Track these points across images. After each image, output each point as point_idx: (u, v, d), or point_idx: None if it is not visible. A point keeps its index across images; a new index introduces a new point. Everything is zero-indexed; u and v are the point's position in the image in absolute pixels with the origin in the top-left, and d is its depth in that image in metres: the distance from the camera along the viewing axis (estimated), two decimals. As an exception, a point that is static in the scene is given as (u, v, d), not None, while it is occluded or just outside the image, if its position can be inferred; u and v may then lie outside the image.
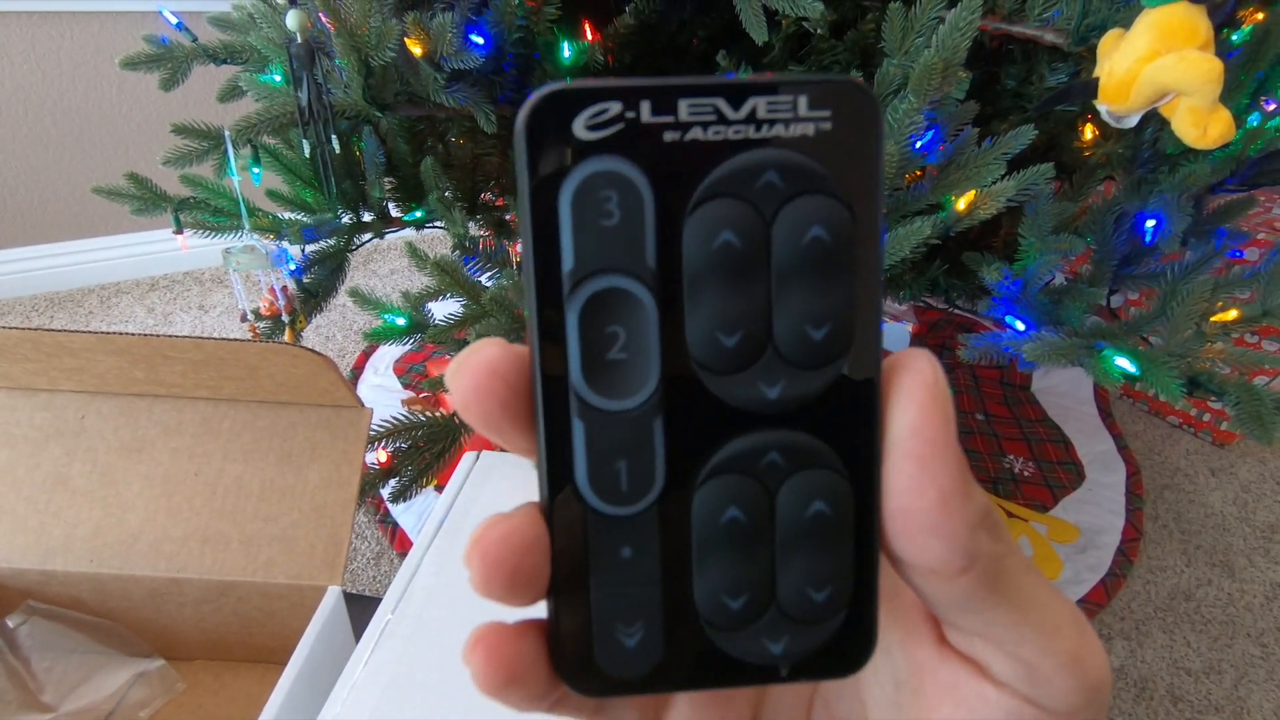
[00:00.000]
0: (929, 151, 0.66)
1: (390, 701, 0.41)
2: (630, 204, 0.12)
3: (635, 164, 0.12)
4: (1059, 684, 0.14)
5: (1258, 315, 0.66)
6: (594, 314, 0.13)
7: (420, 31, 0.68)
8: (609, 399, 0.13)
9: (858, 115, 0.13)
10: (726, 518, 0.13)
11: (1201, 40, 0.45)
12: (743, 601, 0.14)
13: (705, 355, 0.13)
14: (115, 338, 0.49)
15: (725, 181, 0.12)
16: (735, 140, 0.12)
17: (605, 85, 0.12)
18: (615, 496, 0.13)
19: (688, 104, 0.12)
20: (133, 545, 0.52)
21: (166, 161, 0.77)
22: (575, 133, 0.12)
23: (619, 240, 0.12)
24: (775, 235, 0.13)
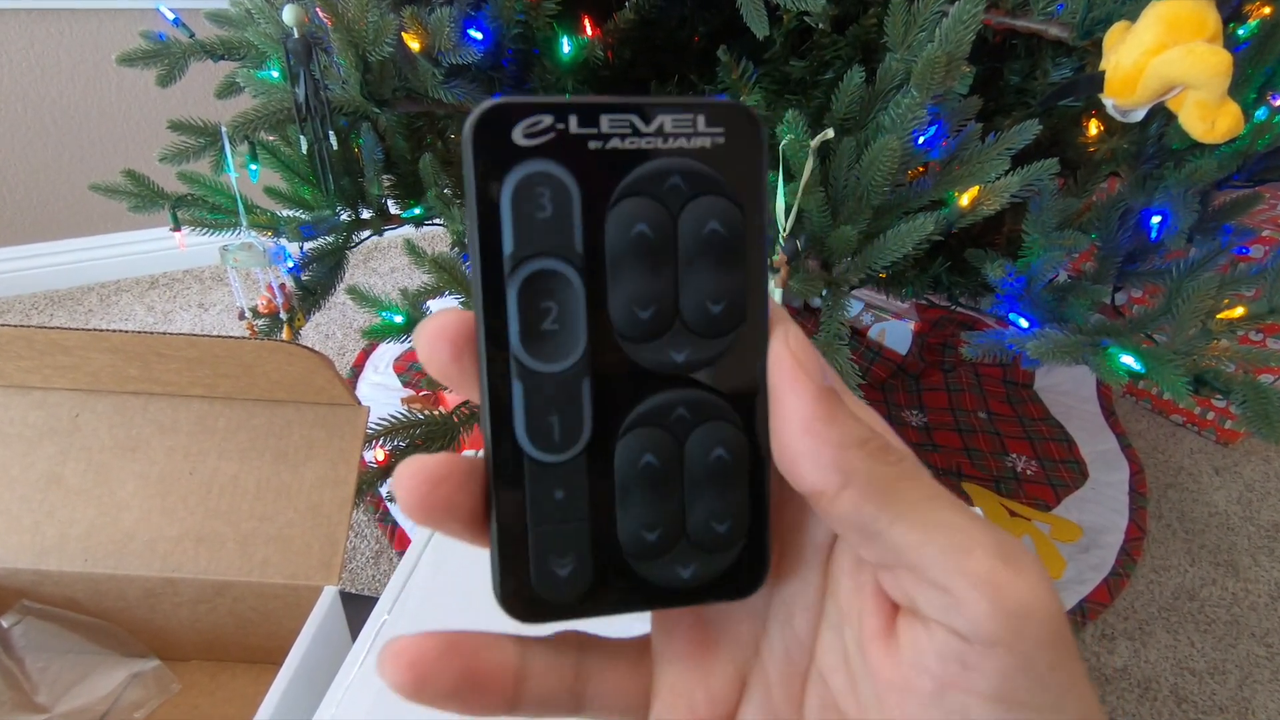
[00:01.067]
0: (932, 147, 0.65)
1: (386, 703, 0.41)
2: (561, 199, 0.15)
3: (565, 166, 0.15)
4: (973, 608, 0.14)
5: (1264, 313, 0.65)
6: (530, 291, 0.15)
7: (418, 26, 0.68)
8: (544, 363, 0.15)
9: (745, 132, 0.16)
10: (643, 463, 0.16)
11: (1210, 33, 0.45)
12: (658, 534, 0.16)
13: (624, 325, 0.15)
14: (109, 335, 0.48)
15: (639, 182, 0.15)
16: (647, 149, 0.15)
17: (539, 101, 0.15)
18: (549, 445, 0.16)
19: (608, 119, 0.15)
20: (127, 545, 0.52)
21: (163, 158, 0.76)
22: (514, 139, 0.15)
23: (551, 229, 0.15)
24: (680, 227, 0.15)
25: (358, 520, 1.09)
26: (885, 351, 1.38)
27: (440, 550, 0.49)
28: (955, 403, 1.35)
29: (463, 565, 0.48)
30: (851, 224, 0.62)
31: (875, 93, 0.66)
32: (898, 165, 0.59)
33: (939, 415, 1.32)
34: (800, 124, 0.60)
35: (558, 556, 0.16)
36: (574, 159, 0.15)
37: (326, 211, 0.87)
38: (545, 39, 0.81)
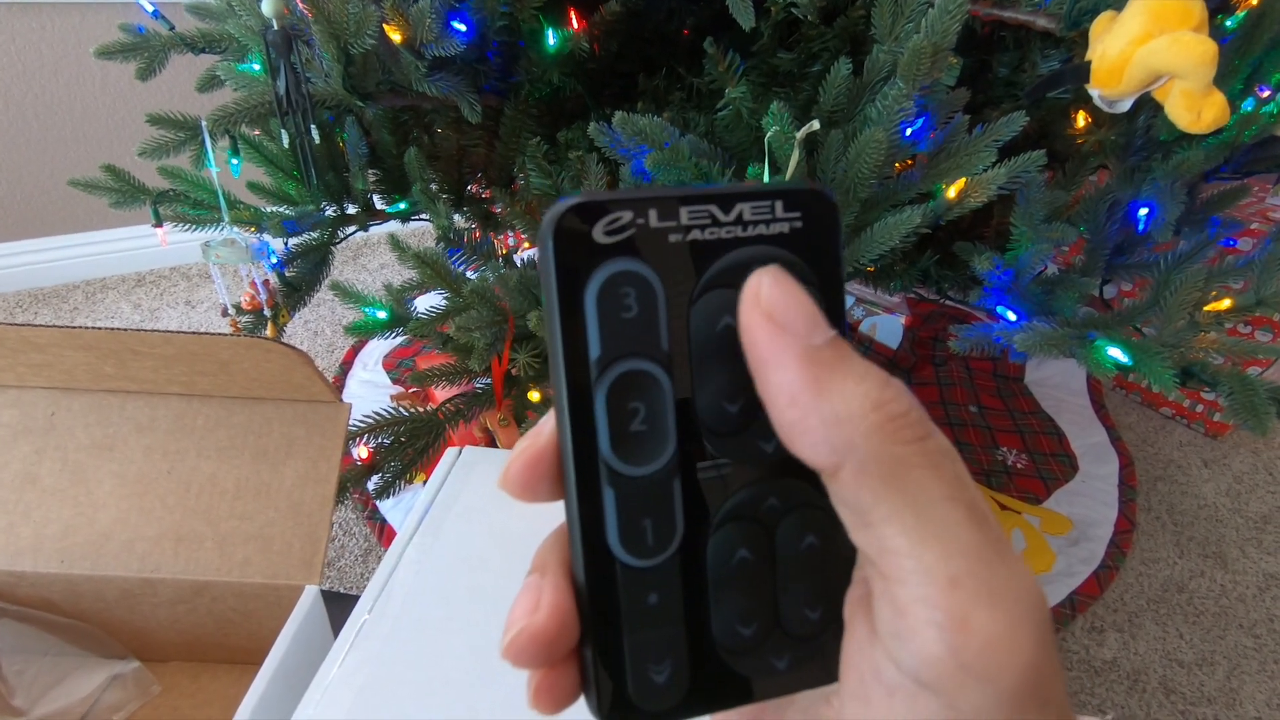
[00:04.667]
0: (919, 139, 0.65)
1: (365, 702, 0.40)
2: (646, 298, 0.15)
3: (648, 263, 0.15)
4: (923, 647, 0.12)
5: (1251, 304, 0.65)
6: (619, 394, 0.15)
7: (399, 18, 0.67)
8: (635, 466, 0.15)
9: (822, 215, 0.16)
10: (738, 558, 0.16)
11: (1195, 22, 0.44)
12: (753, 628, 0.16)
13: (713, 420, 0.15)
14: (82, 332, 0.47)
15: (722, 274, 0.15)
16: (727, 239, 0.15)
17: (617, 197, 0.14)
18: (643, 550, 0.15)
19: (687, 210, 0.15)
20: (104, 545, 0.51)
21: (142, 152, 0.75)
22: (596, 238, 0.14)
23: (638, 329, 0.15)
24: None
25: (346, 518, 1.08)
26: (876, 346, 1.38)
27: (422, 548, 0.49)
28: (946, 396, 1.35)
29: (444, 564, 0.48)
30: (838, 217, 0.62)
31: (863, 85, 0.65)
32: (884, 158, 0.59)
33: (930, 409, 1.31)
34: (785, 116, 0.59)
35: (655, 664, 0.16)
36: (656, 254, 0.15)
37: (310, 207, 0.86)
38: (531, 31, 0.80)
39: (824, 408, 0.13)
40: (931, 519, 0.13)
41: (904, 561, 0.13)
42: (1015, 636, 0.12)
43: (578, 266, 0.14)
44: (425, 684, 0.41)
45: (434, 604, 0.45)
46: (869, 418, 0.13)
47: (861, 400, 0.13)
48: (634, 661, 0.15)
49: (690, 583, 0.16)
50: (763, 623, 0.16)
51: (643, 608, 0.15)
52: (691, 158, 0.62)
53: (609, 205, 0.14)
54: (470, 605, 0.44)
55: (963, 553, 0.12)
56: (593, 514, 0.15)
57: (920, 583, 0.12)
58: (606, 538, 0.15)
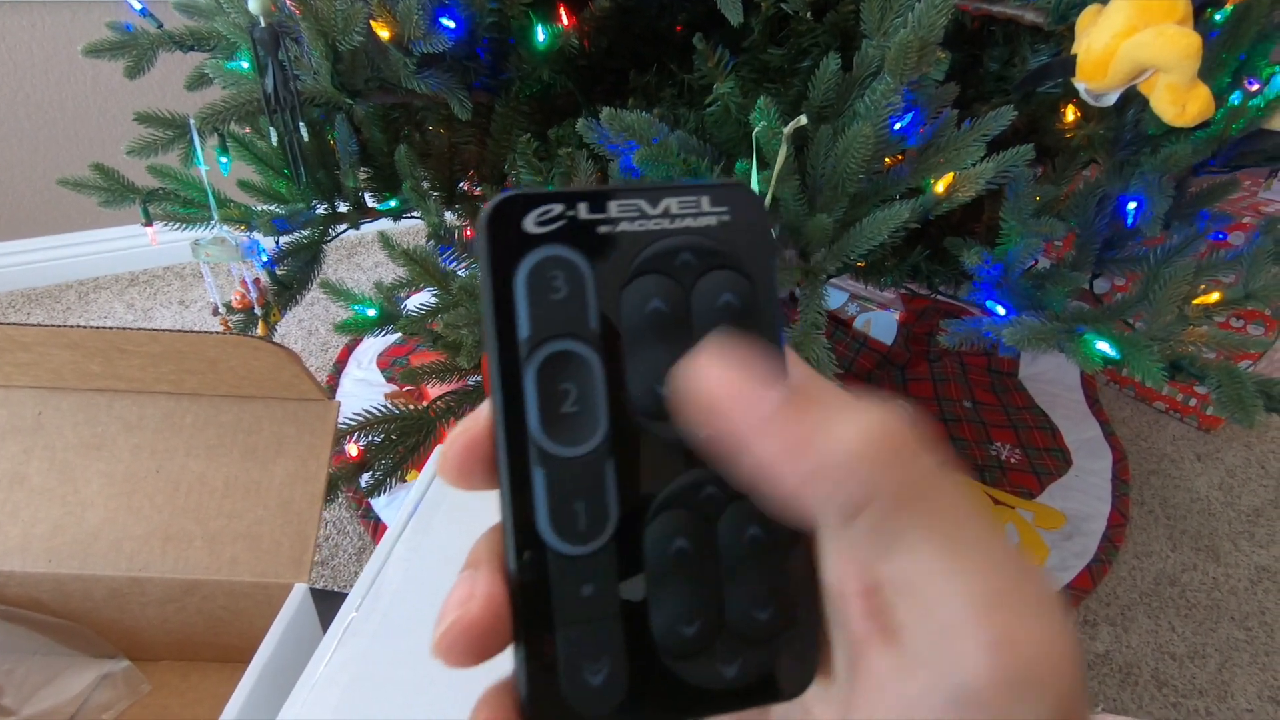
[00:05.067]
0: (908, 134, 0.65)
1: (352, 700, 0.40)
2: (574, 280, 0.15)
3: (577, 250, 0.15)
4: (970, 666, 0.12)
5: (1240, 298, 0.65)
6: (549, 373, 0.15)
7: (387, 14, 0.67)
8: (565, 446, 0.15)
9: (747, 209, 0.16)
10: (675, 548, 0.15)
11: (1179, 15, 0.44)
12: (696, 627, 0.15)
13: (645, 402, 0.15)
14: (68, 331, 0.47)
15: (651, 260, 0.15)
16: (656, 230, 0.15)
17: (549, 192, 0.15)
18: (574, 536, 0.15)
19: (616, 204, 0.15)
20: (92, 544, 0.51)
21: (130, 151, 0.75)
22: (526, 228, 0.15)
23: (566, 310, 0.15)
24: (694, 302, 0.15)
25: (340, 517, 1.08)
26: (870, 342, 1.38)
27: (411, 546, 0.49)
28: (940, 392, 1.35)
29: (433, 561, 0.48)
30: (828, 212, 0.62)
31: (852, 80, 0.65)
32: (872, 152, 0.59)
33: (924, 404, 1.32)
34: (773, 111, 0.59)
35: (590, 662, 0.15)
36: (585, 242, 0.15)
37: (300, 205, 0.85)
38: (521, 28, 0.80)
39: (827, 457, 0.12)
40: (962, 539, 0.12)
41: (941, 585, 0.12)
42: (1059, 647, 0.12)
43: (509, 253, 0.15)
44: (412, 681, 0.41)
45: (422, 601, 0.45)
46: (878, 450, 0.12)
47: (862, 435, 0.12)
48: (567, 659, 0.15)
49: (627, 575, 0.15)
50: (706, 622, 0.15)
51: (576, 599, 0.15)
52: (680, 153, 0.62)
53: (540, 198, 0.15)
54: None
55: (997, 569, 0.12)
56: (523, 497, 0.15)
57: (962, 604, 0.12)
58: (537, 522, 0.15)
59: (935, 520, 0.12)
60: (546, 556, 0.15)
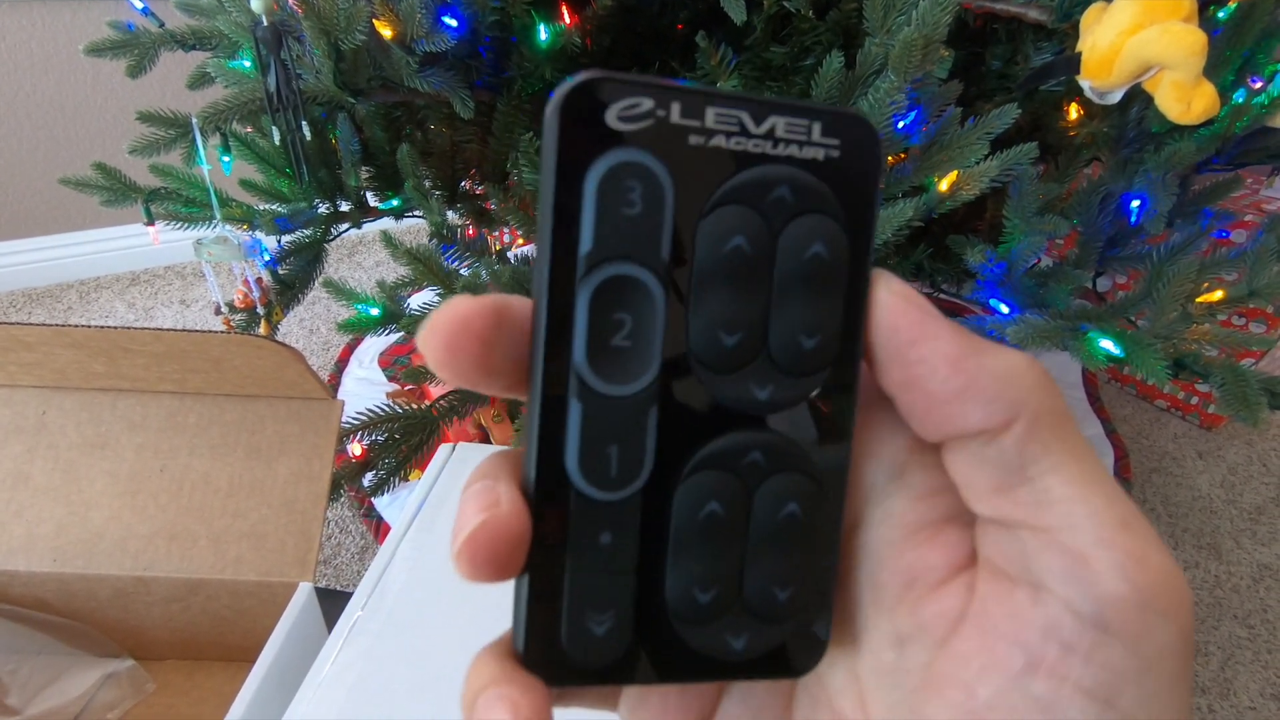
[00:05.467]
0: (912, 132, 0.65)
1: (358, 699, 0.40)
2: (653, 197, 0.13)
3: (661, 160, 0.13)
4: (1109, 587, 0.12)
5: (1244, 295, 0.65)
6: (605, 298, 0.13)
7: (390, 13, 0.67)
8: (609, 383, 0.13)
9: (863, 147, 0.14)
10: (706, 511, 0.14)
11: (1185, 12, 0.44)
12: (711, 595, 0.14)
13: (705, 352, 0.14)
14: (72, 330, 0.47)
15: (741, 190, 0.13)
16: (754, 153, 0.13)
17: (641, 80, 0.13)
18: (603, 481, 0.14)
19: (715, 112, 0.13)
20: (97, 544, 0.51)
21: (133, 150, 0.75)
22: (608, 121, 0.13)
23: (638, 230, 0.13)
24: (780, 247, 0.13)
25: (343, 516, 1.08)
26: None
27: (415, 545, 0.49)
28: (942, 391, 1.35)
29: (437, 560, 0.48)
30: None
31: (855, 78, 0.65)
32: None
33: (925, 403, 1.32)
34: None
35: (595, 611, 0.14)
36: (672, 153, 0.13)
37: (303, 204, 0.85)
38: (523, 26, 0.80)
39: (993, 365, 0.13)
40: (1091, 468, 0.13)
41: (1075, 508, 0.13)
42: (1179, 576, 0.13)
43: (583, 149, 0.13)
44: (418, 680, 0.41)
45: (427, 600, 0.45)
46: (1032, 372, 0.13)
47: (1019, 358, 0.13)
48: (572, 604, 0.14)
49: (650, 530, 0.14)
50: (723, 592, 0.14)
51: (593, 545, 0.14)
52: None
53: (629, 87, 0.13)
54: (463, 602, 0.44)
55: (1120, 498, 0.13)
56: (553, 428, 0.13)
57: (1095, 526, 0.12)
58: (565, 458, 0.13)
59: (1070, 446, 0.13)
60: (569, 495, 0.14)
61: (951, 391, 0.13)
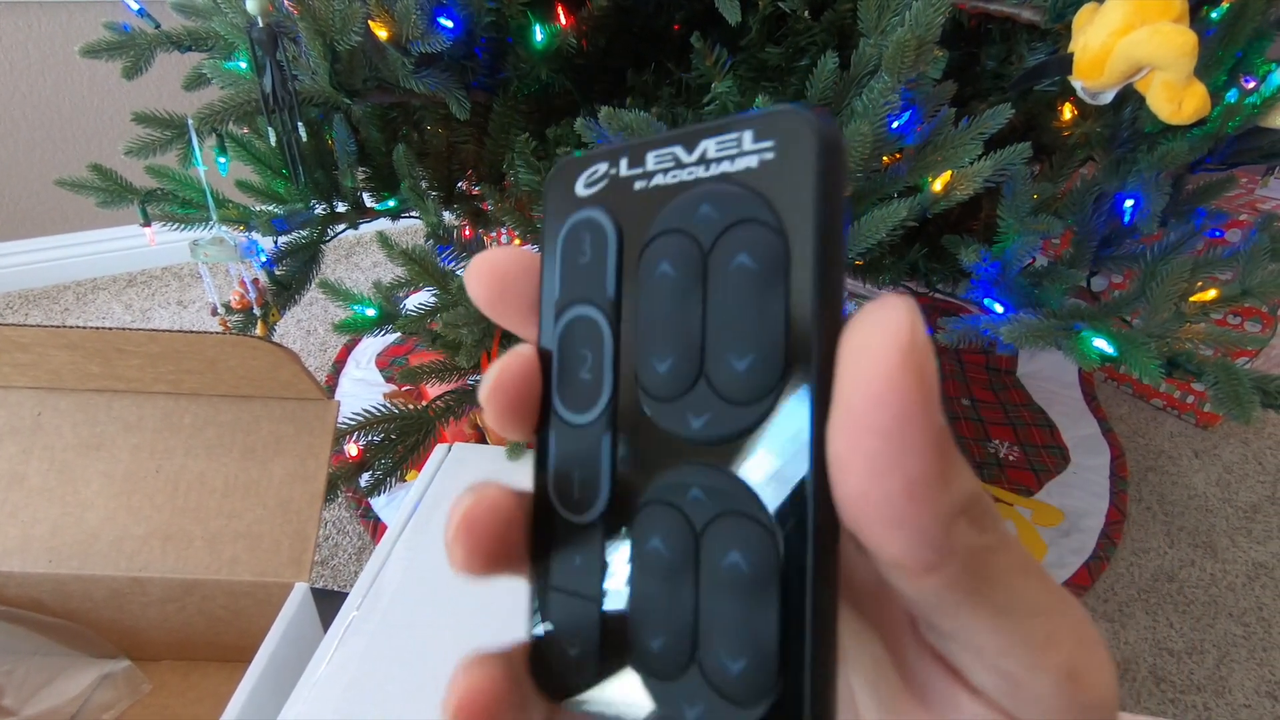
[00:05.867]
0: (906, 132, 0.65)
1: (353, 699, 0.40)
2: (598, 245, 0.14)
3: (606, 211, 0.14)
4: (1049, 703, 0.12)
5: (1237, 295, 0.65)
6: (570, 337, 0.15)
7: (385, 14, 0.67)
8: (571, 412, 0.15)
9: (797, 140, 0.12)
10: (650, 548, 0.13)
11: (1176, 13, 0.45)
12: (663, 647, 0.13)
13: (646, 380, 0.14)
14: (67, 331, 0.47)
15: (670, 217, 0.14)
16: (688, 181, 0.13)
17: (601, 150, 0.15)
18: (569, 503, 0.14)
19: (653, 155, 0.14)
20: (92, 544, 0.51)
21: (129, 151, 0.75)
22: (575, 191, 0.15)
23: (589, 275, 0.15)
24: (710, 265, 0.13)
25: (340, 517, 1.08)
26: (869, 340, 1.39)
27: (411, 545, 0.49)
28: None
29: (434, 560, 0.48)
30: (825, 211, 0.62)
31: (850, 78, 0.65)
32: (870, 151, 0.59)
33: (922, 403, 1.32)
34: (772, 110, 0.59)
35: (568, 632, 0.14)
36: (618, 202, 0.14)
37: (299, 205, 0.85)
38: (518, 27, 0.80)
39: (944, 504, 0.11)
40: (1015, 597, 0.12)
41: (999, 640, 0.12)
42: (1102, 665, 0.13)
43: (557, 218, 0.15)
44: (413, 680, 0.41)
45: (422, 600, 0.45)
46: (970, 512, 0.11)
47: (967, 489, 0.11)
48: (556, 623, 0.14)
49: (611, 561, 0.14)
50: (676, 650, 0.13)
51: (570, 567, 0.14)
52: (678, 152, 0.62)
53: (593, 158, 0.15)
54: (458, 601, 0.45)
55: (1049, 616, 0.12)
56: (542, 450, 0.15)
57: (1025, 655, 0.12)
58: (547, 479, 0.15)
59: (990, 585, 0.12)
60: (553, 516, 0.15)
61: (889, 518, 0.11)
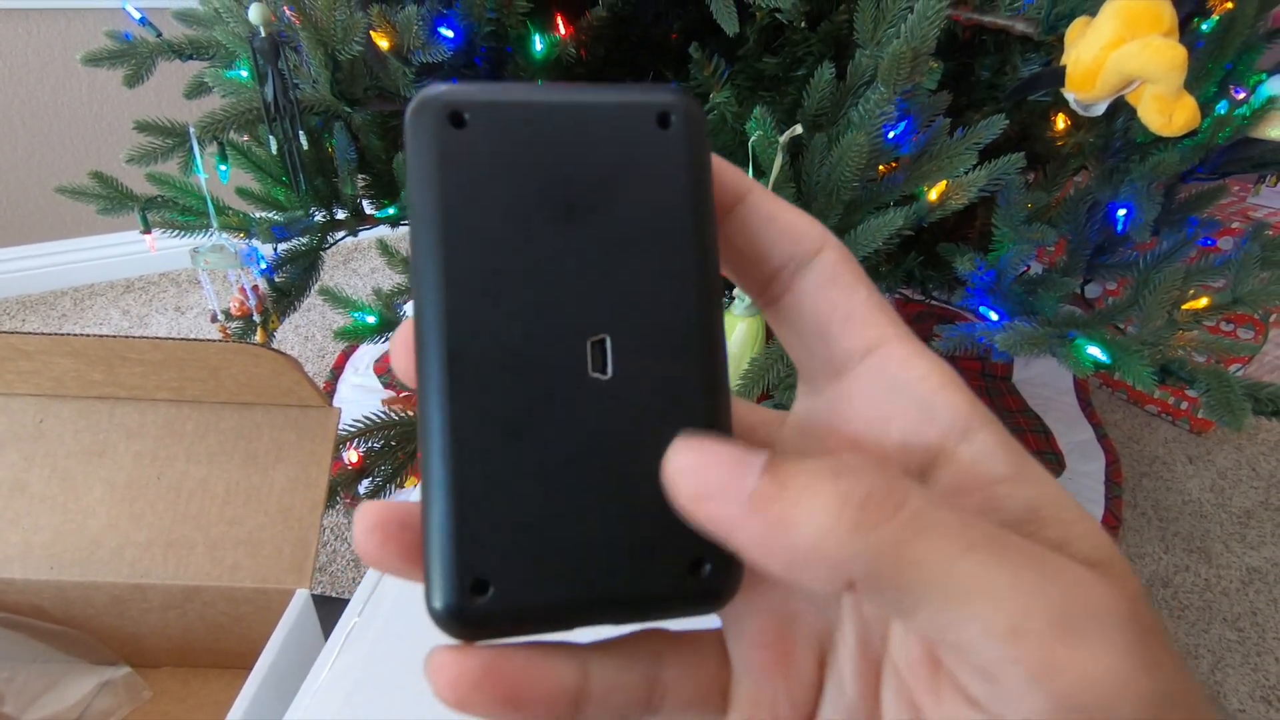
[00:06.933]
0: (902, 142, 0.66)
1: (355, 705, 0.40)
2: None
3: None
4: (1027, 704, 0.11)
5: (1228, 302, 0.66)
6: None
7: (386, 25, 0.67)
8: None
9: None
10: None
11: (1165, 27, 0.45)
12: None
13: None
14: (71, 339, 0.47)
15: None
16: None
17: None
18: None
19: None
20: (94, 551, 0.51)
21: (130, 159, 0.75)
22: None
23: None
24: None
25: (338, 523, 1.08)
26: (865, 346, 1.39)
27: (412, 551, 0.49)
28: (935, 396, 1.36)
29: (435, 565, 0.48)
30: (823, 219, 0.63)
31: (846, 89, 0.66)
32: (866, 160, 0.60)
33: (919, 409, 1.33)
34: (768, 121, 0.60)
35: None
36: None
37: (299, 212, 0.86)
38: (518, 37, 0.81)
39: (799, 541, 0.11)
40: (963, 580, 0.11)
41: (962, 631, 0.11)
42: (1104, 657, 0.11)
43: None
44: (414, 687, 0.42)
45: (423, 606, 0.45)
46: (841, 522, 0.11)
47: (824, 511, 0.11)
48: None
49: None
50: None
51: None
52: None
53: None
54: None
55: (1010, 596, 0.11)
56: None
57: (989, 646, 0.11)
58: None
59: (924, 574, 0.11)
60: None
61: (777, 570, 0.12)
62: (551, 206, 0.14)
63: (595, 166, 0.14)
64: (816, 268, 0.16)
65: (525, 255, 0.14)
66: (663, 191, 0.15)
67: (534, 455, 0.14)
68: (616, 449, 0.14)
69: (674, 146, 0.15)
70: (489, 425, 0.14)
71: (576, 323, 0.14)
